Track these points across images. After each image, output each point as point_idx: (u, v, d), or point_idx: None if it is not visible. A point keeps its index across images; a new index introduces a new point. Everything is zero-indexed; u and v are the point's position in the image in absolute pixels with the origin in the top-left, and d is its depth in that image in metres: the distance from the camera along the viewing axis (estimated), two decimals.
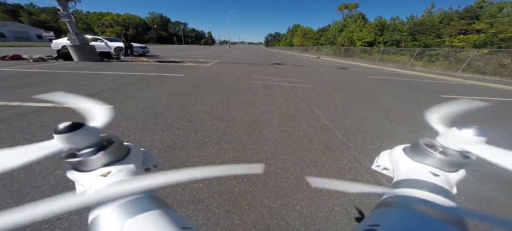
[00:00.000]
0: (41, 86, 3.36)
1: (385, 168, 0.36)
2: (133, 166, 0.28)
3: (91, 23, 74.43)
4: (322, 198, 1.22)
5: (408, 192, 0.25)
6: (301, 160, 1.60)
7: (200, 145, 1.74)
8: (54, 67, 5.47)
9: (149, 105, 2.67)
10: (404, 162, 0.31)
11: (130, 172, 0.27)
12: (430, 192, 0.23)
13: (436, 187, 0.24)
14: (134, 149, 0.32)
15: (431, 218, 0.19)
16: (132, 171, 0.27)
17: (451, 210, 0.21)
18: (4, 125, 1.90)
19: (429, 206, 0.21)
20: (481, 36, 12.59)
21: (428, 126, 0.33)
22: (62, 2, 6.05)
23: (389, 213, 0.22)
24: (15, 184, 1.19)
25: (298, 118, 2.56)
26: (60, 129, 0.24)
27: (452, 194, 0.24)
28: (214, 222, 1.03)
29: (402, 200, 0.23)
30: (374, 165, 0.39)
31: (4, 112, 2.17)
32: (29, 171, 1.28)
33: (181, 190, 1.23)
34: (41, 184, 1.20)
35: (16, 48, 13.39)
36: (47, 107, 2.35)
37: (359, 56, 19.77)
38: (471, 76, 9.59)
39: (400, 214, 0.21)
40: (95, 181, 0.24)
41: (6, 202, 1.08)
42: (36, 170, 1.29)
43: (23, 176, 1.25)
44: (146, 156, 0.34)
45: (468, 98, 0.47)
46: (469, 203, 1.28)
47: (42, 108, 2.31)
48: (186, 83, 4.19)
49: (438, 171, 0.27)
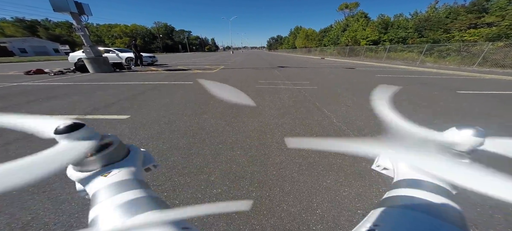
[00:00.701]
0: (63, 98, 3.58)
1: (385, 168, 0.36)
2: (133, 166, 0.28)
3: (101, 35, 78.55)
4: (343, 202, 1.21)
5: (408, 192, 0.24)
6: (316, 164, 1.59)
7: (215, 151, 1.78)
8: (73, 79, 5.81)
9: (163, 113, 2.77)
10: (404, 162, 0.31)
11: (130, 172, 0.27)
12: (430, 192, 0.23)
13: (436, 187, 0.24)
14: (134, 149, 0.32)
15: (431, 218, 0.19)
16: (132, 172, 0.27)
17: (451, 210, 0.21)
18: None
19: (429, 206, 0.21)
20: (494, 29, 12.05)
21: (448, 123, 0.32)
22: (76, 16, 6.38)
23: (389, 213, 0.22)
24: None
25: (309, 120, 2.55)
26: (60, 128, 0.24)
27: (452, 194, 0.24)
28: (235, 228, 1.05)
29: (402, 200, 0.23)
30: (374, 165, 0.38)
31: None
32: None
33: (201, 196, 1.26)
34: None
35: (38, 63, 14.35)
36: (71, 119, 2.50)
37: (364, 55, 19.42)
38: (489, 70, 9.15)
39: (400, 214, 0.21)
40: (95, 181, 0.25)
41: None
42: None
43: None
44: (146, 156, 0.34)
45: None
46: (469, 202, 1.21)
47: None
48: (195, 90, 4.30)
49: None
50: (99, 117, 2.66)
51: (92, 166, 0.26)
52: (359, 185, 1.37)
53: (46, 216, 1.10)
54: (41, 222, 1.06)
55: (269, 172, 1.50)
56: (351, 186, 1.36)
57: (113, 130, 2.24)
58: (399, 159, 0.31)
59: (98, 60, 7.26)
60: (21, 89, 4.43)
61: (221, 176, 1.45)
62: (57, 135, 0.24)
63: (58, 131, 0.24)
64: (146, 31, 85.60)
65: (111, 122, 2.48)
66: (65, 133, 0.24)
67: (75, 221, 1.07)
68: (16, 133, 2.00)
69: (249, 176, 1.46)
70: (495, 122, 2.69)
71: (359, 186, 1.36)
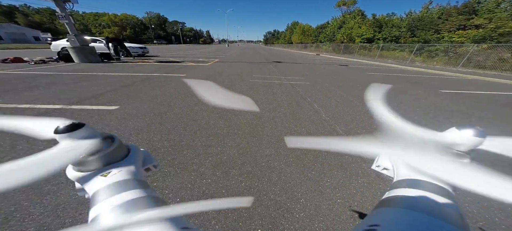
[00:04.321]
0: (46, 88, 3.40)
1: (385, 168, 0.36)
2: (133, 166, 0.28)
3: (88, 24, 73.87)
4: (325, 192, 1.29)
5: (408, 192, 0.24)
6: (303, 155, 1.66)
7: (206, 143, 1.80)
8: (56, 69, 5.50)
9: (154, 105, 2.72)
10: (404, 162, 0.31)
11: (130, 172, 0.27)
12: (430, 192, 0.23)
13: (436, 187, 0.24)
14: (134, 149, 0.32)
15: (431, 218, 0.19)
16: (132, 172, 0.27)
17: (451, 210, 0.21)
18: None
19: (429, 206, 0.21)
20: (480, 31, 12.59)
21: (427, 119, 0.35)
22: (60, 3, 5.99)
23: (389, 213, 0.22)
24: None
25: (299, 115, 2.62)
26: (61, 128, 0.24)
27: (452, 194, 0.24)
28: (224, 215, 1.09)
29: (402, 200, 0.23)
30: (374, 165, 0.39)
31: (16, 114, 2.23)
32: None
33: (190, 186, 1.29)
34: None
35: (15, 51, 13.35)
36: (55, 109, 2.40)
37: (358, 53, 19.74)
38: (472, 71, 9.62)
39: (400, 214, 0.21)
40: (94, 181, 0.25)
41: None
42: None
43: None
44: (146, 156, 0.34)
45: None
46: (469, 202, 1.34)
47: (50, 110, 2.36)
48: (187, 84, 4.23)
49: None
50: (86, 107, 2.57)
51: (92, 165, 0.26)
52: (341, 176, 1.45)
53: (31, 206, 1.09)
54: (25, 212, 1.05)
55: (258, 163, 1.55)
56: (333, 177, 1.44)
57: (101, 121, 2.18)
58: (399, 159, 0.31)
59: (84, 50, 6.89)
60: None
61: (211, 167, 1.48)
62: (57, 134, 0.24)
63: (58, 131, 0.24)
64: (137, 21, 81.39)
65: (99, 112, 2.41)
66: (65, 132, 0.24)
67: (62, 212, 1.07)
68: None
69: (239, 166, 1.50)
70: (470, 119, 2.90)
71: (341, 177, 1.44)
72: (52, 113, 2.29)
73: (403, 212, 0.21)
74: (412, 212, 0.21)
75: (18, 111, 2.35)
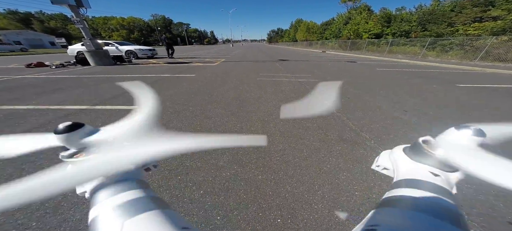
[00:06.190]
0: (68, 91, 3.64)
1: (385, 168, 0.36)
2: (133, 166, 0.28)
3: (98, 28, 76.91)
4: (342, 184, 1.32)
5: (408, 192, 0.24)
6: (317, 151, 1.69)
7: None
8: (75, 72, 5.83)
9: (169, 104, 2.84)
10: (404, 162, 0.31)
11: (130, 172, 0.27)
12: (430, 192, 0.23)
13: (436, 187, 0.24)
14: None
15: (431, 218, 0.19)
16: (132, 172, 0.27)
17: (451, 210, 0.21)
18: (52, 125, 2.14)
19: (429, 206, 0.21)
20: (499, 23, 11.86)
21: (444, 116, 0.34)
22: (74, 8, 6.27)
23: (389, 213, 0.22)
24: None
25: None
26: (60, 128, 0.24)
27: (452, 194, 0.24)
28: (244, 206, 1.16)
29: (402, 200, 0.23)
30: (374, 165, 0.38)
31: (48, 115, 2.42)
32: None
33: (211, 179, 1.37)
34: None
35: (35, 56, 14.20)
36: (81, 109, 2.58)
37: (366, 49, 19.19)
38: (491, 64, 9.11)
39: (400, 214, 0.21)
40: (94, 181, 0.24)
41: None
42: None
43: None
44: None
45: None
46: (469, 202, 1.32)
47: (77, 111, 2.55)
48: (198, 82, 4.35)
49: (438, 171, 0.27)
50: (107, 107, 2.74)
51: None
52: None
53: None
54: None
55: (273, 157, 1.60)
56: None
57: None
58: (400, 158, 0.32)
59: (98, 53, 7.23)
60: (27, 82, 4.48)
61: (229, 161, 1.55)
62: (57, 134, 0.24)
63: (57, 131, 0.24)
64: (144, 24, 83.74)
65: (120, 112, 2.56)
66: (65, 132, 0.24)
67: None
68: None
69: (255, 161, 1.56)
70: (493, 113, 2.78)
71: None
72: (79, 114, 2.48)
73: (403, 212, 0.21)
74: (412, 212, 0.21)
75: (51, 111, 2.55)
